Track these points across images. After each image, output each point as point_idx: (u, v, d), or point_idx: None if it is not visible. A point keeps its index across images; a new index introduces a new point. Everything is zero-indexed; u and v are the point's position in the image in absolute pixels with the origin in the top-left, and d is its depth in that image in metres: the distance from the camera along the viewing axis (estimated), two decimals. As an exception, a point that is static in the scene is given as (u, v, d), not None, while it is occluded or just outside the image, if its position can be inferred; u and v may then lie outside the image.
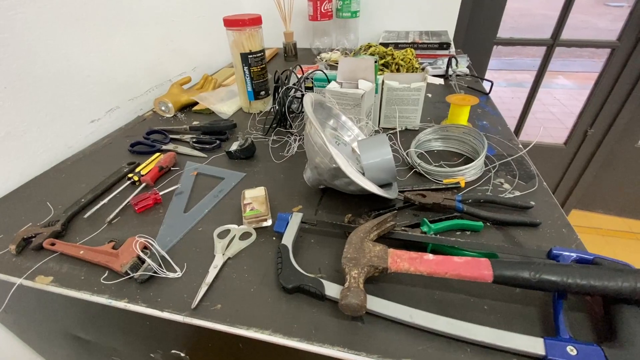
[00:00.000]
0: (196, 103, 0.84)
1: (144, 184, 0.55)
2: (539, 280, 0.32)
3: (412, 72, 0.98)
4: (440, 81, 0.95)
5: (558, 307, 0.32)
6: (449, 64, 0.97)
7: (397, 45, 1.13)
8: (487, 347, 0.31)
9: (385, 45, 1.13)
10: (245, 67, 0.75)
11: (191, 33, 1.02)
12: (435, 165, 0.56)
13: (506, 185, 0.53)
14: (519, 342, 0.30)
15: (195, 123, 0.74)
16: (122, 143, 0.70)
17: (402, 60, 0.97)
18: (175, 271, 0.40)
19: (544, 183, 0.53)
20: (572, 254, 0.36)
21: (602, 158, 1.57)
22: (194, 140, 0.68)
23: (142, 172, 0.57)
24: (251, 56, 0.74)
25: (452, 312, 0.35)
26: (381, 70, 0.98)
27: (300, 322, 0.34)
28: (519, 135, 1.65)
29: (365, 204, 0.50)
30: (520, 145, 0.63)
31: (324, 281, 0.36)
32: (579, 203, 1.78)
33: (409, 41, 1.12)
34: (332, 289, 0.36)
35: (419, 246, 0.42)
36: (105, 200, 0.52)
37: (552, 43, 1.35)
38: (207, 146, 0.67)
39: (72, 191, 0.55)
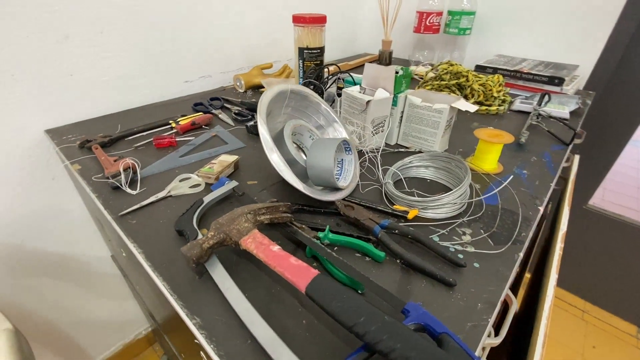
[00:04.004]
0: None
1: (175, 130, 0.71)
2: (337, 316, 0.28)
3: (489, 100, 0.86)
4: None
5: (354, 353, 0.28)
6: (540, 100, 0.80)
7: (495, 71, 0.99)
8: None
9: (483, 68, 1.01)
10: (300, 61, 0.83)
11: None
12: (401, 191, 0.52)
13: (466, 237, 0.44)
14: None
15: (253, 100, 0.87)
16: (194, 102, 0.89)
17: (480, 85, 0.85)
18: (134, 190, 0.52)
19: (519, 254, 0.42)
20: (422, 316, 0.30)
21: None
22: (236, 112, 0.81)
23: (180, 122, 0.73)
24: (307, 51, 0.81)
25: (275, 308, 0.34)
26: (451, 91, 0.89)
27: (168, 257, 0.41)
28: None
29: (312, 200, 0.51)
30: (540, 208, 0.50)
31: (200, 235, 0.42)
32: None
33: (512, 68, 0.97)
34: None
35: (305, 247, 0.41)
36: (145, 134, 0.70)
37: None
38: (242, 118, 0.79)
39: (138, 123, 0.76)
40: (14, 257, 0.78)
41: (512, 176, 0.58)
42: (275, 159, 0.44)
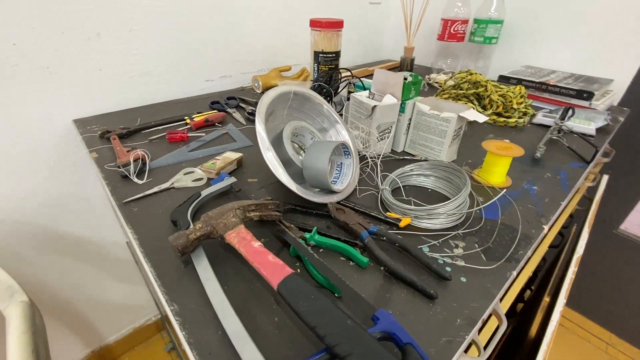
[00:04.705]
0: (283, 87, 0.99)
1: (189, 126, 0.74)
2: (302, 316, 0.29)
3: (509, 111, 0.82)
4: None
5: (316, 354, 0.28)
6: (563, 114, 0.75)
7: (520, 82, 0.95)
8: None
9: (507, 79, 0.98)
10: (315, 64, 0.84)
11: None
12: (398, 198, 0.51)
13: (458, 250, 0.43)
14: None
15: (268, 101, 0.89)
16: (212, 100, 0.92)
17: (500, 96, 0.82)
18: (141, 179, 0.55)
19: (511, 272, 0.40)
20: (390, 325, 0.29)
21: None
22: (249, 111, 0.83)
23: (195, 119, 0.76)
24: (322, 55, 0.82)
25: (251, 304, 0.35)
26: (469, 100, 0.86)
27: (160, 245, 0.42)
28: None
29: (305, 201, 0.51)
30: (545, 227, 0.47)
31: (192, 226, 0.43)
32: None
33: (538, 80, 0.93)
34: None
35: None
36: (160, 128, 0.73)
37: None
38: (254, 118, 0.80)
39: (157, 117, 0.80)
40: (39, 236, 0.84)
41: (519, 191, 0.55)
42: (269, 157, 0.45)
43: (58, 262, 0.91)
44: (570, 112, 0.74)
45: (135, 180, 0.55)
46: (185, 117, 0.76)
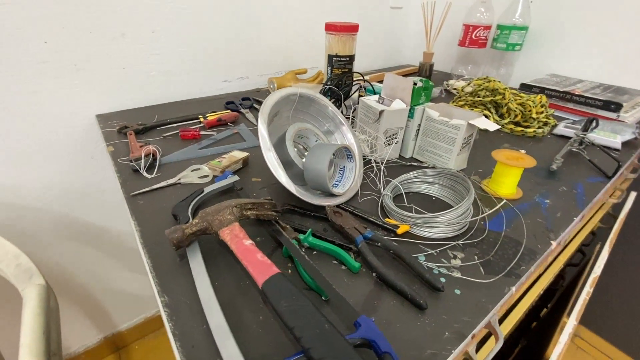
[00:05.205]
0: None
1: (202, 124, 0.77)
2: (282, 315, 0.29)
3: (528, 121, 0.79)
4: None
5: (294, 355, 0.28)
6: (586, 126, 0.72)
7: (543, 91, 0.92)
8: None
9: (529, 87, 0.94)
10: (328, 67, 0.84)
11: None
12: (398, 205, 0.50)
13: (455, 261, 0.41)
14: None
15: (282, 102, 0.90)
16: (227, 100, 0.95)
17: (518, 104, 0.79)
18: (150, 174, 0.57)
19: (510, 288, 0.38)
20: (371, 332, 0.29)
21: None
22: (262, 111, 0.85)
23: (208, 118, 0.78)
24: (335, 58, 0.82)
25: (238, 301, 0.36)
26: (485, 108, 0.84)
27: (159, 238, 0.44)
28: None
29: (304, 203, 0.52)
30: (553, 242, 0.45)
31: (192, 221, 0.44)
32: None
33: (563, 89, 0.88)
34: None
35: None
36: (175, 125, 0.76)
37: None
38: (267, 119, 0.82)
39: (174, 115, 0.83)
40: (58, 223, 0.89)
41: (530, 204, 0.53)
42: (269, 157, 0.46)
43: (75, 249, 0.95)
44: (593, 123, 0.70)
45: (145, 174, 0.57)
46: (200, 116, 0.79)
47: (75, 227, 0.92)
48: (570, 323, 0.54)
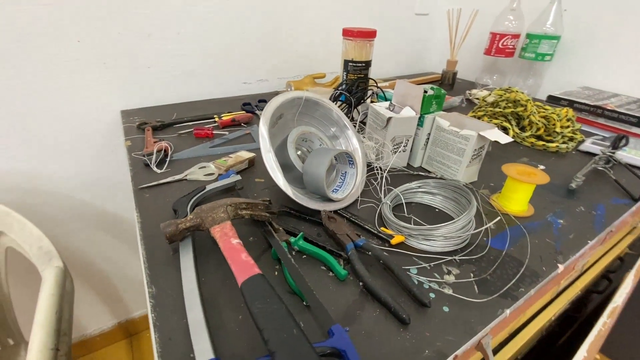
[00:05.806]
0: (314, 93, 1.01)
1: (217, 124, 0.79)
2: (254, 316, 0.29)
3: (551, 135, 0.75)
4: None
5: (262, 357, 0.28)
6: (615, 143, 0.67)
7: (571, 104, 0.86)
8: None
9: (557, 100, 0.89)
10: (344, 72, 0.84)
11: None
12: (397, 214, 0.49)
13: (449, 277, 0.40)
14: None
15: (297, 106, 0.91)
16: (244, 102, 0.97)
17: (542, 117, 0.75)
18: (160, 169, 0.60)
19: (504, 310, 0.36)
20: (342, 342, 0.28)
21: None
22: (276, 114, 0.86)
23: (223, 118, 0.80)
24: (351, 64, 0.82)
25: (220, 298, 0.36)
26: (506, 120, 0.80)
27: (158, 231, 0.45)
28: None
29: (300, 206, 0.52)
30: (560, 265, 0.42)
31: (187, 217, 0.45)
32: None
33: (593, 103, 0.83)
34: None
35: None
36: (191, 123, 0.79)
37: None
38: (280, 121, 0.83)
39: (192, 114, 0.86)
40: (79, 210, 0.94)
41: (540, 223, 0.50)
42: (268, 159, 0.46)
43: (94, 236, 1.00)
44: (623, 140, 0.65)
45: (155, 169, 0.59)
46: (215, 116, 0.81)
47: (95, 215, 0.97)
48: (580, 355, 0.49)
